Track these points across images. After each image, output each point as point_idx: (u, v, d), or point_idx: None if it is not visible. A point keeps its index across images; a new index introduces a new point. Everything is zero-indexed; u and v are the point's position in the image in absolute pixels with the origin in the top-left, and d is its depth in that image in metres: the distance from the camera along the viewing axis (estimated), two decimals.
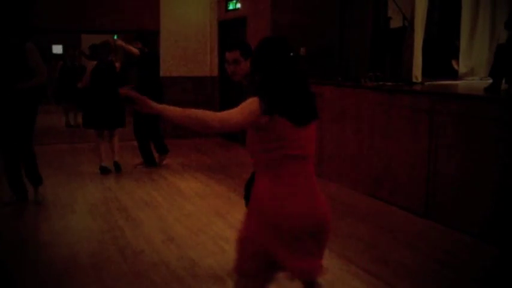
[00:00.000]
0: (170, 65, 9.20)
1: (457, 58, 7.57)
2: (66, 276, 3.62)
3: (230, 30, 9.23)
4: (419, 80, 6.23)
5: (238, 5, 8.81)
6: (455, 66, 7.65)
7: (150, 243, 4.21)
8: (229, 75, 3.35)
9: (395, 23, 6.99)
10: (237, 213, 4.55)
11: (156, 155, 7.16)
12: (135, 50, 6.59)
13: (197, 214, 4.93)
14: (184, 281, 3.53)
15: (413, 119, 4.97)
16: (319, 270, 2.34)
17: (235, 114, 2.12)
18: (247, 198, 3.20)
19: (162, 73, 8.72)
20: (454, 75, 7.47)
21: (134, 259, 3.89)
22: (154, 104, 2.12)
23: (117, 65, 6.82)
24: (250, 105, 2.13)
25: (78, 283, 3.53)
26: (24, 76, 4.87)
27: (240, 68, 3.26)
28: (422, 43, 6.33)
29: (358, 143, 5.78)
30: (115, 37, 15.48)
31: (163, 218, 4.86)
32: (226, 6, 9.20)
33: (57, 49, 18.12)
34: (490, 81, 5.27)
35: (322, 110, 6.30)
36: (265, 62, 2.25)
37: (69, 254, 3.99)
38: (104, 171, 6.65)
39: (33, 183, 5.23)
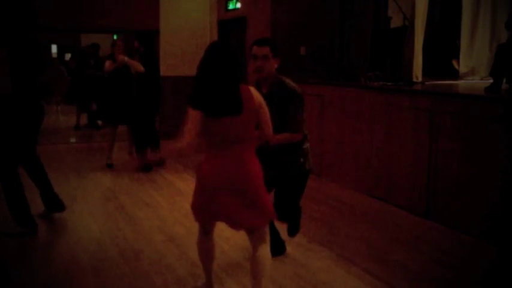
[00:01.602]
0: (170, 65, 9.18)
1: (457, 58, 7.56)
2: (66, 277, 3.61)
3: (230, 29, 9.23)
4: (420, 79, 6.23)
5: (238, 5, 8.81)
6: (456, 66, 7.64)
7: (150, 244, 4.21)
8: (254, 70, 3.35)
9: (396, 22, 6.99)
10: None
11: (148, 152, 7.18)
12: (139, 68, 6.63)
13: None
14: (184, 281, 3.53)
15: (413, 119, 4.97)
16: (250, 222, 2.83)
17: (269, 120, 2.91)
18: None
19: (161, 73, 8.71)
20: (455, 75, 7.47)
21: (134, 259, 3.88)
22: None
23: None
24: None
25: (77, 283, 3.53)
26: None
27: (268, 64, 3.33)
28: (423, 43, 6.32)
29: (358, 143, 5.77)
30: (114, 37, 15.52)
31: (163, 218, 4.86)
32: (226, 5, 9.20)
33: (53, 49, 18.12)
34: (491, 81, 5.27)
35: (322, 110, 6.32)
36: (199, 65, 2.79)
37: (69, 254, 3.98)
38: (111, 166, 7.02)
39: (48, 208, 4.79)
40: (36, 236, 4.38)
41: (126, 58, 6.70)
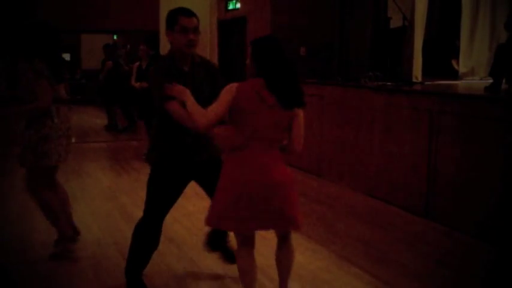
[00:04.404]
0: None
1: (457, 58, 7.57)
2: (66, 277, 3.61)
3: (230, 29, 9.23)
4: (420, 80, 6.23)
5: (238, 5, 8.81)
6: (456, 66, 7.65)
7: None
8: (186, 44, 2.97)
9: (396, 22, 6.99)
10: None
11: None
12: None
13: (197, 214, 4.92)
14: (184, 281, 3.53)
15: (413, 119, 4.97)
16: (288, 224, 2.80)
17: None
18: None
19: None
20: (454, 75, 7.47)
21: None
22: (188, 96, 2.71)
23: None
24: None
25: (78, 284, 3.53)
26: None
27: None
28: (423, 43, 6.33)
29: (358, 143, 5.77)
30: (114, 37, 15.53)
31: None
32: (226, 5, 9.20)
33: None
34: (491, 81, 5.27)
35: (323, 110, 6.32)
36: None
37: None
38: None
39: None
40: (36, 236, 4.39)
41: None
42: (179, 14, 2.93)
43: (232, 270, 3.65)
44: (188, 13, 2.93)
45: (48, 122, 3.67)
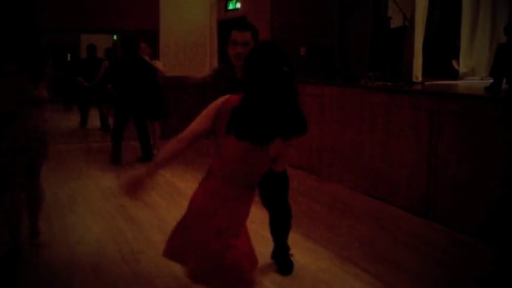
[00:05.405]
0: (170, 65, 9.20)
1: (457, 58, 7.56)
2: (66, 277, 3.61)
3: (230, 29, 9.24)
4: (420, 79, 6.23)
5: (238, 5, 8.82)
6: (456, 66, 7.65)
7: (150, 244, 4.20)
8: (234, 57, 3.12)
9: (396, 22, 6.99)
10: None
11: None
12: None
13: None
14: (184, 281, 3.52)
15: (413, 119, 4.97)
16: None
17: None
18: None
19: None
20: (455, 75, 7.47)
21: (134, 259, 3.88)
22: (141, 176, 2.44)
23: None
24: None
25: (77, 284, 3.53)
26: None
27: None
28: (423, 43, 6.33)
29: (358, 143, 5.77)
30: (114, 37, 15.51)
31: (163, 218, 4.85)
32: (226, 5, 9.21)
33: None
34: (491, 81, 5.27)
35: (322, 110, 6.32)
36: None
37: (69, 255, 3.98)
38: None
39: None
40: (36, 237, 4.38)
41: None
42: (233, 28, 3.14)
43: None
44: (240, 27, 3.13)
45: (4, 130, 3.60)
